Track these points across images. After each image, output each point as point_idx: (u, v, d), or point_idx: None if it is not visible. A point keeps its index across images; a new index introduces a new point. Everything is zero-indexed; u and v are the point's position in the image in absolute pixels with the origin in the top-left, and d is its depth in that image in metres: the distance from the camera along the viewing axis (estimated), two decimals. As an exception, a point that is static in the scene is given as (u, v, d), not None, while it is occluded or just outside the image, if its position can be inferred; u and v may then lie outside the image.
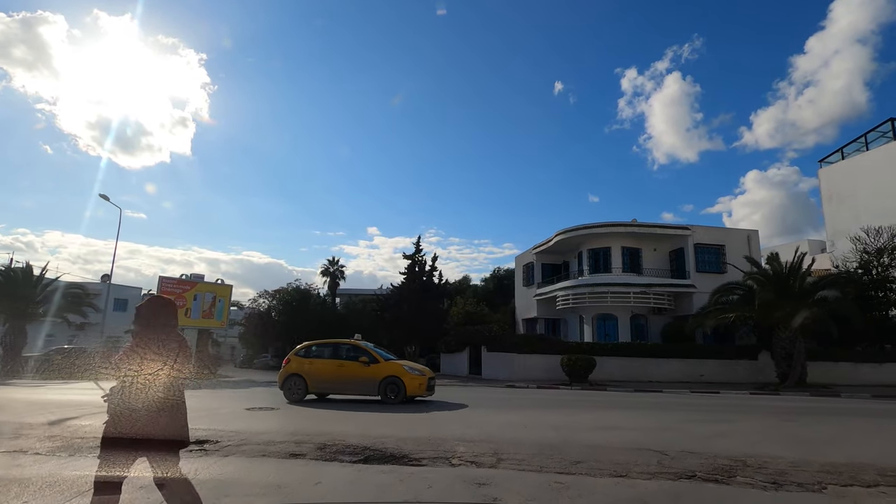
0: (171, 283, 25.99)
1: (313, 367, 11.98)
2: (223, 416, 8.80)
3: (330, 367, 11.92)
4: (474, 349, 25.95)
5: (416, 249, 31.65)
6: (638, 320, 25.83)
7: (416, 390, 11.45)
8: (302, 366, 12.05)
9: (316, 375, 11.88)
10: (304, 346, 12.78)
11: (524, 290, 33.75)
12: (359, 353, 12.06)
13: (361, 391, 11.83)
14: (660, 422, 8.71)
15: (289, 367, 12.21)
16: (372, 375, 11.58)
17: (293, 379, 11.97)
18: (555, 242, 28.67)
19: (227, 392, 15.28)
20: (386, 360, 11.96)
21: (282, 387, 12.06)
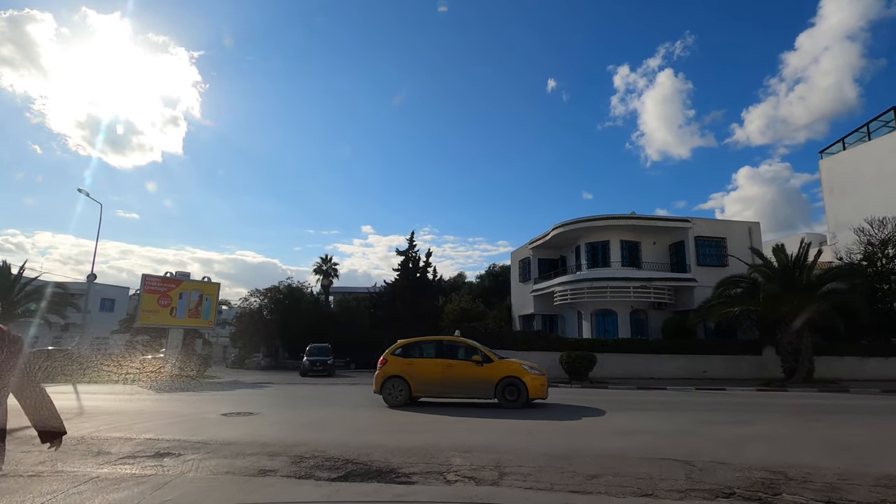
0: (154, 282, 25.04)
1: (417, 368, 10.74)
2: (195, 422, 7.99)
3: (436, 368, 10.63)
4: (470, 347, 25.21)
5: (410, 245, 30.89)
6: (638, 316, 25.18)
7: (538, 392, 10.24)
8: (403, 367, 10.79)
9: (420, 377, 10.66)
10: (400, 344, 11.44)
11: (521, 286, 33.05)
12: (469, 350, 10.82)
13: (474, 393, 10.57)
14: (674, 424, 8.00)
15: (387, 368, 10.93)
16: (487, 376, 10.32)
17: (394, 382, 10.75)
18: (552, 237, 27.96)
19: (209, 395, 14.45)
20: (500, 359, 10.75)
21: (380, 391, 10.83)
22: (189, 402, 12.32)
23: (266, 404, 11.54)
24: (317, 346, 28.33)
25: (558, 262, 30.92)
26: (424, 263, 30.28)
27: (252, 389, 16.74)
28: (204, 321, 26.88)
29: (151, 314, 24.64)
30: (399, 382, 10.73)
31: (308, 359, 26.34)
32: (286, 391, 16.61)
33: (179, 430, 7.26)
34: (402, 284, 29.17)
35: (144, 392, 15.47)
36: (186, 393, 15.16)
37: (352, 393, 15.62)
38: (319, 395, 14.61)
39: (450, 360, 10.71)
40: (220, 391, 15.99)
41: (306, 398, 13.75)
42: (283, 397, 14.12)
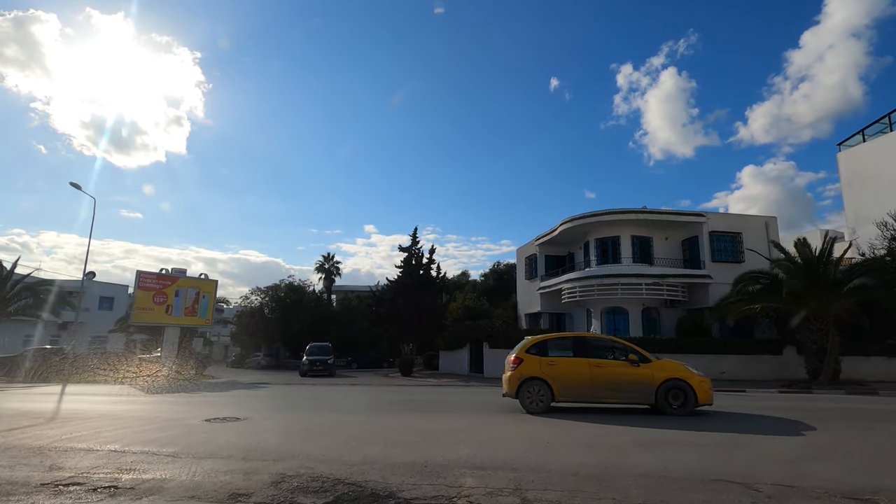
0: (149, 278, 24.24)
1: (559, 369, 9.35)
2: (173, 430, 7.15)
3: (583, 368, 9.26)
4: (475, 346, 24.34)
5: (413, 241, 29.98)
6: (649, 313, 24.23)
7: (706, 397, 8.94)
8: (542, 367, 9.40)
9: (565, 379, 9.29)
10: (534, 341, 9.99)
11: (527, 283, 32.13)
12: (621, 349, 9.55)
13: (630, 398, 9.28)
14: (713, 433, 7.09)
15: (523, 368, 9.51)
16: (646, 378, 9.00)
17: (534, 385, 9.34)
18: (559, 232, 27.02)
19: (201, 396, 13.62)
20: (657, 359, 9.45)
21: (516, 395, 9.42)
22: (177, 404, 11.49)
23: (258, 407, 10.70)
24: (317, 345, 27.51)
25: (566, 258, 29.99)
26: (428, 260, 29.35)
27: (247, 391, 15.92)
28: (201, 319, 26.07)
29: (146, 312, 23.85)
30: (539, 385, 9.31)
31: (308, 358, 25.52)
32: (282, 392, 15.79)
33: (152, 439, 6.41)
34: (405, 282, 28.27)
35: (135, 394, 14.66)
36: (178, 395, 14.34)
37: (352, 394, 14.79)
38: (317, 397, 13.78)
39: (597, 360, 9.34)
40: (213, 392, 15.17)
41: (302, 400, 12.91)
42: (278, 399, 13.28)
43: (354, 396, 13.99)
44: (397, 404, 11.57)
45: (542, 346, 9.85)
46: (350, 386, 18.71)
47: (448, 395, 14.52)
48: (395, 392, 15.55)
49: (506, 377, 9.75)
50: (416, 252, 29.73)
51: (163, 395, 14.42)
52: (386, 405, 11.39)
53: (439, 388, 17.34)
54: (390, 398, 13.10)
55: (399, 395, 14.07)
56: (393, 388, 17.34)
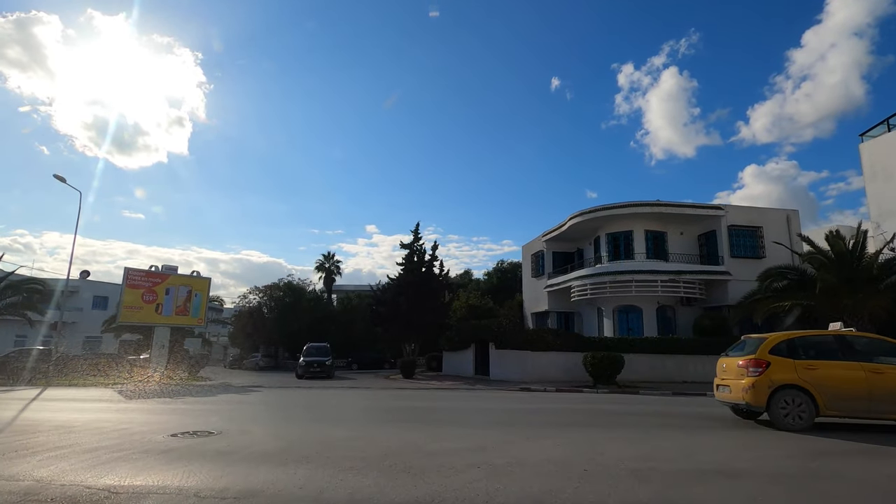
0: (138, 276, 23.06)
1: (823, 375, 7.54)
2: (122, 450, 5.91)
3: (857, 375, 7.42)
4: (481, 346, 23.10)
5: (415, 237, 28.76)
6: (664, 312, 22.95)
7: None
8: (800, 372, 7.61)
9: (832, 387, 7.46)
10: (779, 338, 8.12)
11: (533, 281, 30.88)
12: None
13: None
14: (787, 453, 5.84)
15: (774, 373, 7.67)
16: None
17: (789, 394, 7.55)
18: (569, 227, 25.76)
19: (182, 403, 12.41)
20: None
21: (766, 406, 7.61)
22: (152, 413, 10.27)
23: (239, 417, 9.47)
24: (314, 345, 26.29)
25: (574, 255, 28.74)
26: (430, 257, 28.12)
27: (236, 395, 14.70)
28: (193, 319, 24.87)
29: (134, 311, 22.67)
30: (798, 395, 7.53)
31: (304, 360, 24.31)
32: (273, 398, 14.58)
33: (82, 463, 5.17)
34: (407, 279, 27.04)
35: (115, 399, 13.46)
36: (160, 400, 13.13)
37: (348, 400, 13.54)
38: (309, 404, 12.54)
39: (875, 365, 7.51)
40: (199, 397, 13.95)
41: (292, 408, 11.67)
42: (265, 407, 12.05)
43: (350, 402, 12.75)
44: (397, 413, 10.34)
45: (793, 346, 8.01)
46: (347, 390, 17.49)
47: (453, 400, 13.29)
48: (395, 397, 14.31)
49: (744, 384, 7.83)
50: (417, 249, 28.52)
51: (144, 400, 13.22)
52: (384, 414, 10.16)
53: (443, 392, 16.09)
54: (390, 405, 11.87)
55: (400, 401, 12.83)
56: (393, 392, 16.11)
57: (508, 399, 13.68)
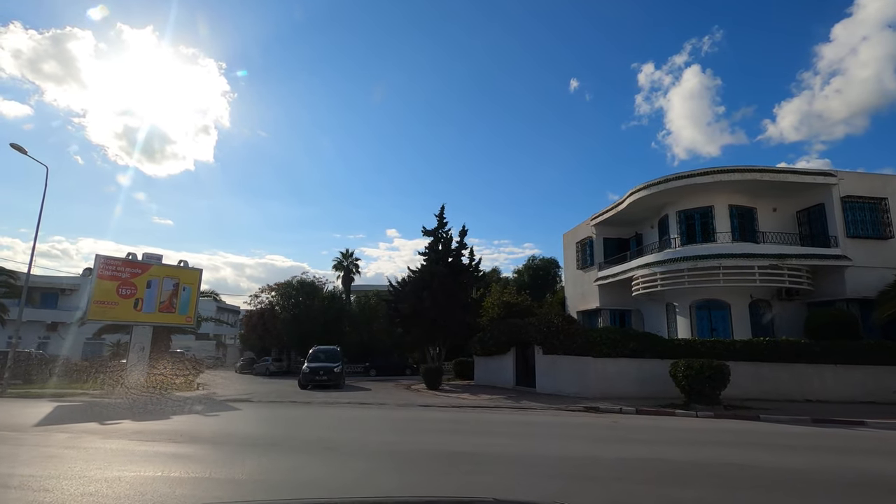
0: (112, 265, 19.40)
1: None
2: None
3: None
4: (523, 350, 18.66)
5: (440, 222, 24.50)
6: (757, 308, 18.06)
7: None
8: None
9: None
10: None
11: (579, 274, 26.22)
12: None
13: None
14: None
15: None
16: None
17: None
18: (627, 205, 21.08)
19: (115, 427, 8.40)
20: None
21: None
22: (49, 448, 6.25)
23: (153, 464, 5.33)
24: (322, 349, 22.31)
25: (631, 241, 24.01)
26: (458, 244, 23.79)
27: (200, 418, 10.64)
28: (180, 317, 21.11)
29: (107, 307, 18.99)
30: None
31: (309, 366, 20.31)
32: (255, 416, 10.53)
33: None
34: (431, 271, 22.76)
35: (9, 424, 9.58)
36: (96, 420, 9.21)
37: (351, 429, 9.24)
38: (290, 437, 8.32)
39: None
40: (149, 421, 9.94)
41: (257, 448, 7.42)
42: (229, 438, 7.90)
43: (352, 436, 8.51)
44: (421, 466, 6.01)
45: None
46: (355, 407, 13.27)
47: (501, 434, 8.89)
48: (417, 423, 10.01)
49: None
50: (442, 236, 24.24)
51: (72, 420, 9.34)
52: (400, 468, 5.85)
53: (483, 416, 11.72)
54: (410, 445, 7.54)
55: (424, 435, 8.50)
56: (414, 414, 11.83)
57: (582, 430, 9.21)
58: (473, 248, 24.03)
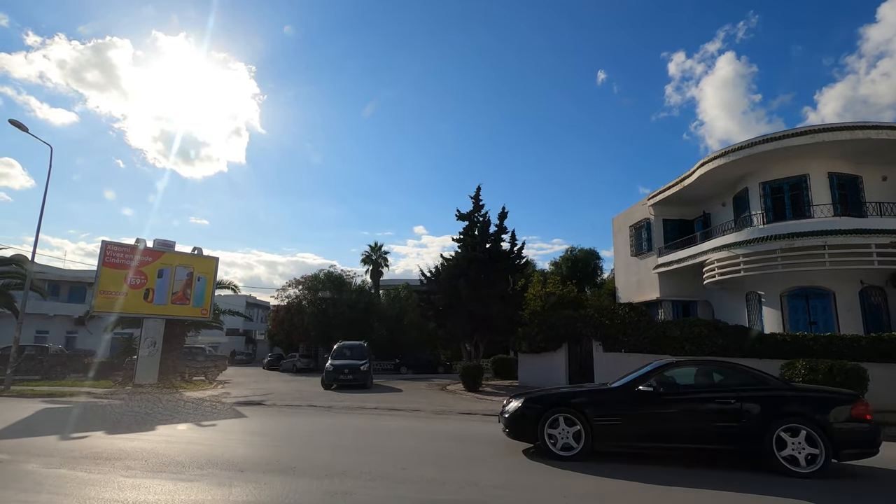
0: (120, 252, 17.77)
1: None
2: None
3: None
4: (576, 348, 16.02)
5: (475, 205, 22.01)
6: (867, 295, 14.84)
7: None
8: None
9: None
10: None
11: (633, 262, 23.23)
12: None
13: None
14: None
15: None
16: None
17: None
18: (696, 179, 18.05)
19: (79, 444, 6.33)
20: None
21: None
22: None
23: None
24: (347, 344, 20.19)
25: (696, 222, 20.92)
26: (497, 228, 21.25)
27: (202, 426, 8.51)
28: (195, 309, 19.38)
29: (114, 298, 17.35)
30: None
31: (332, 363, 18.19)
32: (258, 428, 8.32)
33: None
34: (467, 257, 20.33)
35: None
36: (52, 436, 7.21)
37: (374, 449, 6.78)
38: (299, 456, 5.95)
39: None
40: (115, 433, 7.89)
41: (255, 479, 5.07)
42: (208, 463, 5.59)
43: (376, 465, 6.11)
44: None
45: None
46: (383, 415, 10.96)
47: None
48: (464, 446, 7.57)
49: None
50: (479, 220, 21.74)
51: (35, 429, 7.40)
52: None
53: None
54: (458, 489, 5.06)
55: (477, 468, 6.01)
56: (457, 427, 9.45)
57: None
58: (515, 231, 21.37)
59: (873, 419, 5.51)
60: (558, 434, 6.01)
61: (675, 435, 5.75)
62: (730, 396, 5.71)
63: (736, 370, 6.21)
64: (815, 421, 5.33)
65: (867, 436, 5.35)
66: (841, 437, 5.29)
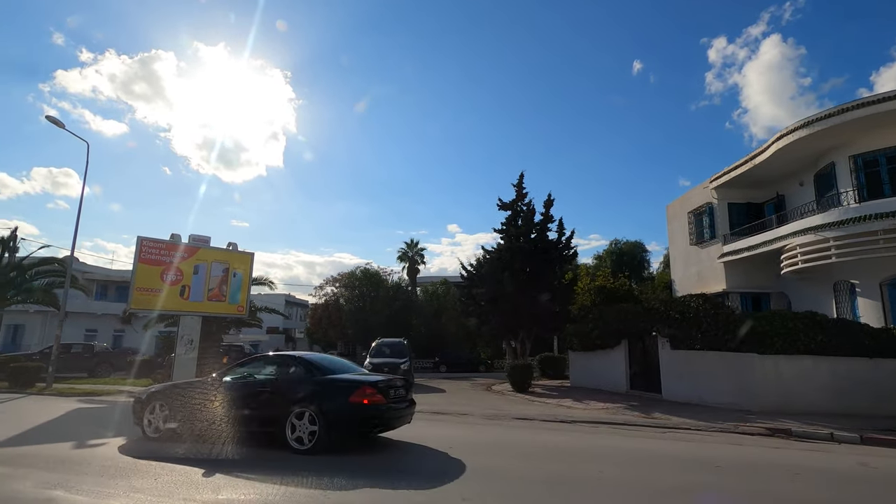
0: (155, 248, 17.37)
1: None
2: None
3: None
4: (638, 344, 14.45)
5: (519, 193, 20.60)
6: None
7: None
8: None
9: None
10: None
11: (692, 251, 21.28)
12: None
13: None
14: None
15: None
16: None
17: None
18: (771, 155, 16.05)
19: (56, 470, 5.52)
20: None
21: None
22: None
23: None
24: (386, 342, 19.26)
25: (767, 206, 18.86)
26: (543, 216, 19.77)
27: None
28: (231, 306, 18.84)
29: (151, 295, 16.95)
30: None
31: (371, 361, 17.25)
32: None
33: None
34: (511, 248, 18.97)
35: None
36: (67, 443, 6.49)
37: None
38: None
39: None
40: (146, 441, 7.10)
41: None
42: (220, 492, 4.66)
43: (419, 492, 4.97)
44: None
45: None
46: (430, 421, 9.82)
47: (693, 484, 4.98)
48: (526, 461, 6.31)
49: None
50: (523, 209, 20.32)
51: (56, 434, 6.72)
52: None
53: (618, 439, 7.84)
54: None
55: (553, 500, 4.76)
56: (516, 436, 8.21)
57: (819, 479, 5.11)
58: (562, 219, 19.84)
59: (372, 403, 6.19)
60: (154, 419, 7.07)
61: (237, 420, 6.57)
62: (269, 388, 6.68)
63: (295, 363, 7.02)
64: (318, 406, 6.13)
65: (359, 417, 6.15)
66: (335, 418, 6.08)
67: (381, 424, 6.46)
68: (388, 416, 6.43)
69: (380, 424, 6.45)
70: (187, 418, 6.82)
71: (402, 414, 6.78)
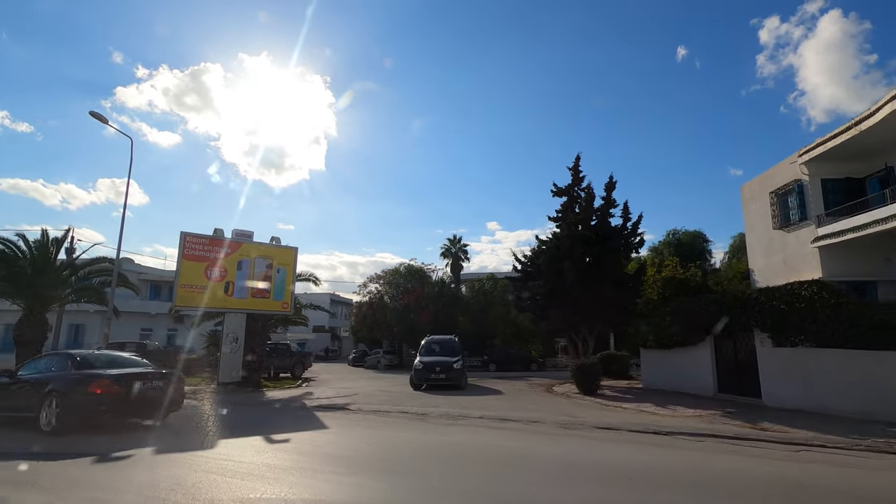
0: (199, 244, 16.90)
1: None
2: None
3: None
4: (727, 341, 12.53)
5: (575, 178, 18.84)
6: None
7: None
8: None
9: None
10: None
11: (776, 236, 18.82)
12: None
13: None
14: None
15: None
16: None
17: None
18: (881, 120, 13.66)
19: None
20: None
21: None
22: None
23: None
24: (436, 339, 18.06)
25: (872, 179, 16.29)
26: (604, 201, 17.96)
27: (271, 443, 6.58)
28: (276, 303, 18.23)
29: (195, 292, 16.53)
30: None
31: (421, 360, 16.09)
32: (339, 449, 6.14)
33: None
34: (570, 236, 17.29)
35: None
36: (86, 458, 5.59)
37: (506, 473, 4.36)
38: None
39: None
40: (175, 453, 6.12)
41: None
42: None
43: None
44: None
45: None
46: (495, 429, 8.45)
47: None
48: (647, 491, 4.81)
49: None
50: (579, 194, 18.57)
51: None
52: None
53: (741, 461, 6.19)
54: None
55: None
56: (608, 456, 6.71)
57: None
58: (627, 202, 17.98)
59: (105, 393, 7.44)
60: None
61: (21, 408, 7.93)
62: (34, 380, 8.07)
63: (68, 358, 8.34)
64: (62, 394, 7.37)
65: (92, 404, 7.37)
66: (75, 405, 7.33)
67: (113, 411, 7.56)
68: (125, 406, 7.63)
69: (111, 411, 7.55)
70: None
71: (154, 406, 7.93)
